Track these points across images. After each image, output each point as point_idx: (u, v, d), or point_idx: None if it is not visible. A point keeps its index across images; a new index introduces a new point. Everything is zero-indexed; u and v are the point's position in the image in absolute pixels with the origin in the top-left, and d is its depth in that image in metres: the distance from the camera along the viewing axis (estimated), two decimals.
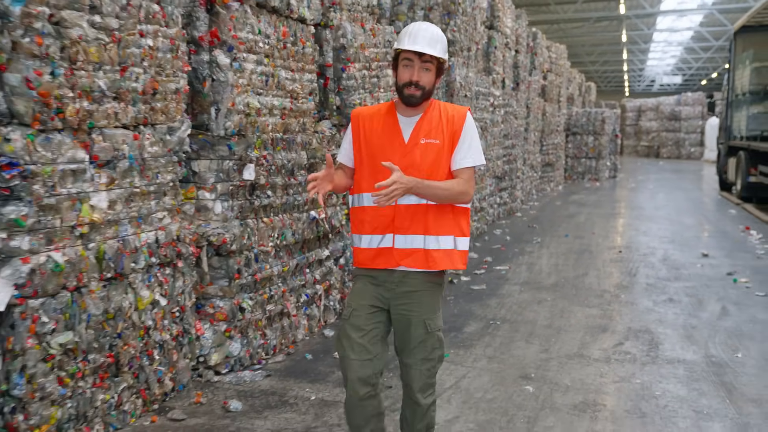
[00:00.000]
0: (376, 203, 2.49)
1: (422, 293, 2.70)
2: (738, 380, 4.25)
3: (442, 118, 2.72)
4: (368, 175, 2.71)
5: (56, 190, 3.04)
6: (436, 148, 2.67)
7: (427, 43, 2.60)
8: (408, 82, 2.63)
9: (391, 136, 2.71)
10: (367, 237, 2.73)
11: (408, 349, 2.73)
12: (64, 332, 3.10)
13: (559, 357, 4.69)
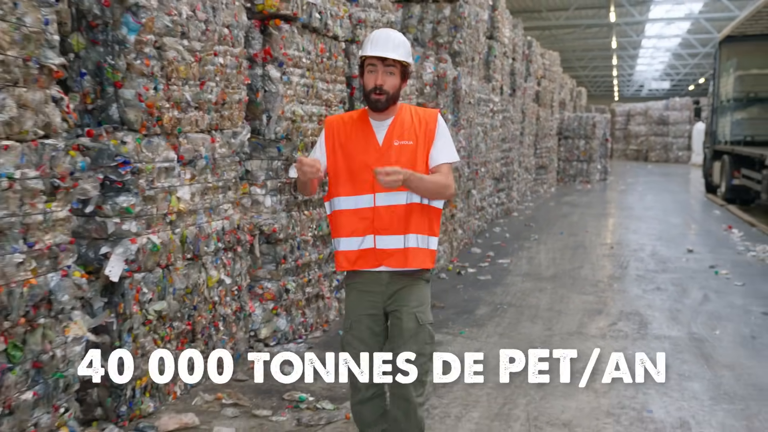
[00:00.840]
0: (382, 182, 2.56)
1: (410, 287, 2.78)
2: (715, 352, 4.95)
3: (414, 120, 2.79)
4: (345, 180, 2.78)
5: (154, 184, 3.69)
6: (410, 148, 2.75)
7: (389, 48, 2.67)
8: (373, 88, 2.69)
9: (365, 139, 2.77)
10: (346, 240, 2.78)
11: (400, 343, 2.75)
12: (158, 302, 3.75)
13: (561, 334, 5.37)
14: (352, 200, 2.78)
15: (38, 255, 2.85)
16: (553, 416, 3.80)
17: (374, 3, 6.38)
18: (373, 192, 2.75)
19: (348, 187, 2.78)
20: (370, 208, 2.75)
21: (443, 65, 7.94)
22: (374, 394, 2.81)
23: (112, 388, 3.52)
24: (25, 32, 2.74)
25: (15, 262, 2.74)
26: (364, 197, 2.76)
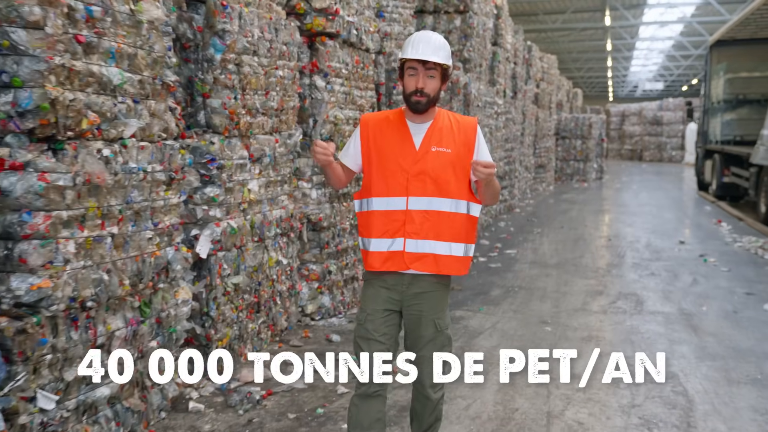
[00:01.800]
0: (479, 177, 2.61)
1: (431, 294, 2.79)
2: (701, 323, 5.69)
3: (453, 128, 2.78)
4: (378, 180, 2.77)
5: (232, 178, 4.41)
6: (447, 156, 2.73)
7: (430, 51, 2.66)
8: (414, 90, 2.69)
9: (401, 142, 2.75)
10: (377, 241, 2.78)
11: (419, 347, 2.81)
12: (235, 276, 4.48)
13: (567, 310, 6.11)
14: (384, 201, 2.76)
15: (160, 233, 3.58)
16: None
17: (397, 18, 7.13)
18: (407, 195, 2.73)
19: (381, 187, 2.76)
20: (402, 211, 2.73)
21: (456, 72, 8.68)
22: (377, 392, 2.80)
23: (201, 346, 4.24)
24: (155, 57, 3.47)
25: (146, 237, 3.46)
26: (396, 199, 2.74)
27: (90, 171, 3.06)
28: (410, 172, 2.72)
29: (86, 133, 3.06)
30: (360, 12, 5.98)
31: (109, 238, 3.21)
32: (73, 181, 2.98)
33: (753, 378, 4.39)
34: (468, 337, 5.28)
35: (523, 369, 2.77)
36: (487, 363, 4.64)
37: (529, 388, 4.19)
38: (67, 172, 2.96)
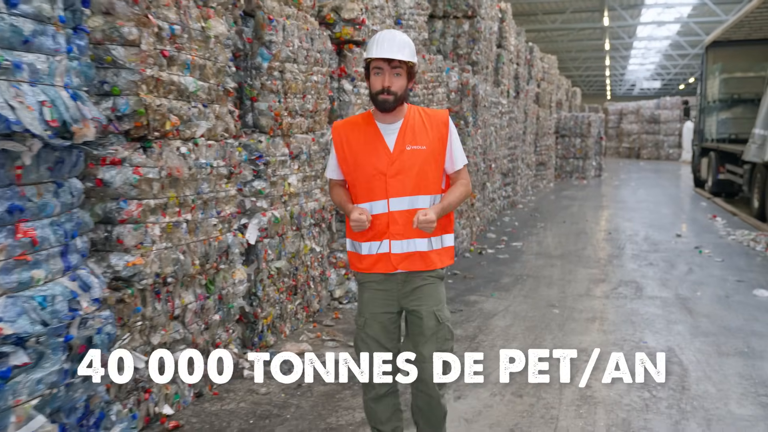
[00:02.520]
0: (422, 228, 2.69)
1: (427, 287, 2.82)
2: (696, 306, 6.22)
3: (425, 123, 2.78)
4: (359, 186, 2.79)
5: (276, 173, 4.93)
6: (422, 154, 2.74)
7: (395, 49, 2.65)
8: (381, 89, 2.69)
9: (375, 144, 2.75)
10: (366, 244, 2.81)
11: (422, 342, 2.81)
12: (277, 261, 4.99)
13: (573, 295, 6.63)
14: (368, 206, 2.77)
15: (222, 220, 4.10)
16: (573, 345, 5.06)
17: (413, 24, 7.64)
18: (387, 197, 2.75)
19: (363, 193, 2.77)
20: (384, 214, 2.75)
21: (466, 75, 9.21)
22: (387, 392, 2.86)
23: (248, 323, 4.75)
24: (219, 66, 3.98)
25: (212, 223, 3.98)
26: (378, 203, 2.76)
27: (171, 166, 3.58)
28: (388, 174, 2.72)
29: (168, 134, 3.58)
30: (382, 21, 6.50)
31: (184, 223, 3.73)
32: (159, 174, 3.50)
33: (741, 351, 4.92)
34: (483, 318, 5.80)
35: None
36: (504, 337, 5.19)
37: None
38: (155, 166, 3.48)
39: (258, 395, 4.05)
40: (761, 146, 11.24)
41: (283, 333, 5.15)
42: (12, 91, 2.44)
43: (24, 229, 2.56)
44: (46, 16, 2.59)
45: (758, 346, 5.01)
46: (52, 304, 2.61)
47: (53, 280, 2.70)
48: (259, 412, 3.80)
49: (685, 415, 3.79)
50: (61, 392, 2.68)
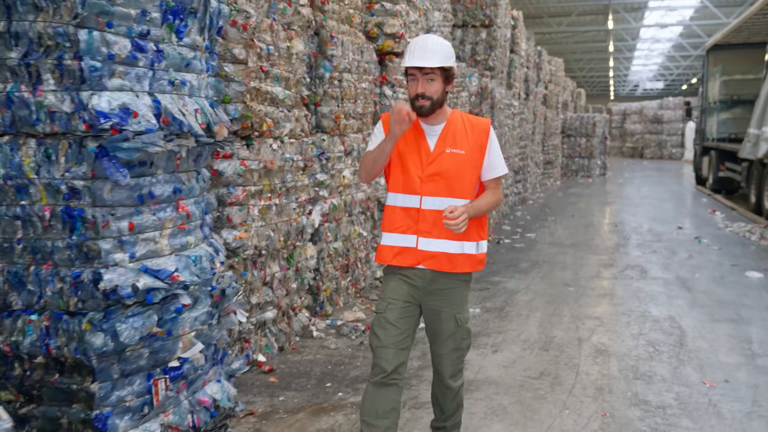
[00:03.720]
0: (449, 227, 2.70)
1: (452, 290, 2.87)
2: (694, 285, 7.05)
3: (467, 129, 2.84)
4: (396, 177, 2.87)
5: (334, 167, 5.77)
6: (460, 158, 2.79)
7: (426, 57, 2.73)
8: (416, 95, 2.77)
9: (416, 144, 2.81)
10: (390, 235, 2.87)
11: (440, 341, 2.91)
12: (335, 242, 5.84)
13: (585, 277, 7.46)
14: (400, 198, 2.85)
15: (299, 205, 4.94)
16: (588, 315, 5.89)
17: (439, 34, 8.47)
18: (420, 194, 2.81)
19: (399, 184, 2.85)
20: (415, 209, 2.81)
21: (485, 80, 10.04)
22: (392, 379, 2.83)
23: (313, 294, 5.60)
24: (297, 78, 4.83)
25: (292, 207, 4.83)
26: (411, 197, 2.83)
27: (266, 159, 4.43)
28: (424, 173, 2.78)
29: (264, 133, 4.43)
30: (416, 33, 7.34)
31: (274, 206, 4.58)
32: (258, 166, 4.35)
33: (731, 318, 5.75)
34: (508, 294, 6.63)
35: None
36: (528, 308, 6.03)
37: (562, 323, 5.56)
38: (255, 159, 4.32)
39: (329, 350, 4.89)
40: (755, 144, 12.05)
41: (338, 304, 5.99)
42: (180, 101, 3.29)
43: (182, 205, 3.40)
44: (198, 45, 3.44)
45: (746, 315, 5.84)
46: (200, 263, 3.45)
47: (198, 245, 3.54)
48: (334, 361, 4.64)
49: (682, 363, 4.63)
50: (206, 330, 3.53)
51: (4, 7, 2.82)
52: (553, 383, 4.24)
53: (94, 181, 2.93)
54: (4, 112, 2.93)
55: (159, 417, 3.23)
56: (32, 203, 2.99)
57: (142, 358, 3.13)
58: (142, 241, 3.11)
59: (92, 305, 2.97)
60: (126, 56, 2.95)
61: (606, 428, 3.59)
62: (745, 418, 3.73)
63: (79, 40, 2.80)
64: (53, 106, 2.85)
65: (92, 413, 2.98)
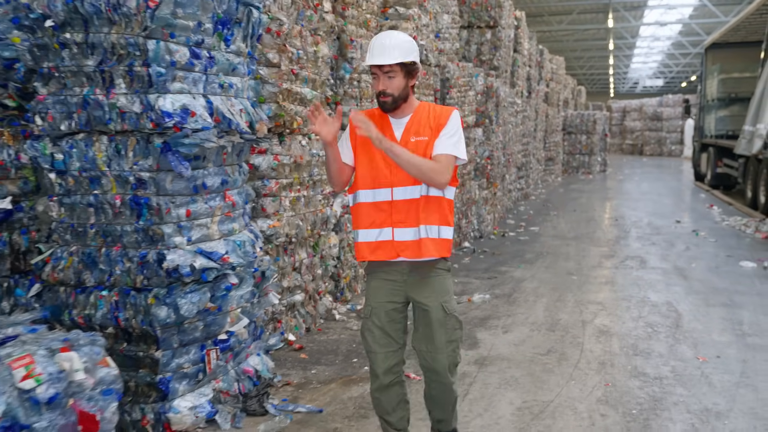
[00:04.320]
0: (361, 133, 2.66)
1: (433, 279, 2.85)
2: (691, 274, 7.45)
3: (430, 116, 2.84)
4: (365, 174, 2.86)
5: None
6: (424, 144, 2.79)
7: (383, 54, 2.73)
8: (378, 92, 2.79)
9: (384, 135, 2.75)
10: (365, 231, 2.87)
11: (431, 334, 2.85)
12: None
13: (587, 267, 7.87)
14: (371, 193, 2.85)
15: (323, 197, 5.34)
16: (590, 300, 6.29)
17: (448, 36, 8.87)
18: (391, 186, 2.81)
19: (368, 180, 2.85)
20: (387, 202, 2.81)
21: (490, 79, 10.44)
22: (392, 382, 2.90)
23: (334, 280, 6.00)
24: (323, 79, 5.23)
25: (318, 199, 5.23)
26: (382, 191, 2.82)
27: (296, 154, 4.83)
28: (393, 163, 2.77)
29: (295, 130, 4.82)
30: (427, 36, 7.73)
31: (302, 198, 4.98)
32: (289, 160, 4.74)
33: (724, 303, 6.15)
34: (515, 282, 7.04)
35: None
36: (534, 295, 6.43)
37: (566, 307, 5.96)
38: (287, 154, 4.72)
39: (352, 331, 5.29)
40: (750, 141, 12.44)
41: (356, 291, 6.39)
42: (228, 102, 3.69)
43: (228, 195, 3.80)
44: (242, 51, 3.84)
45: (738, 301, 6.24)
46: (244, 247, 3.85)
47: (241, 231, 3.94)
48: (357, 340, 5.04)
49: (678, 341, 5.03)
50: (249, 307, 3.94)
51: (83, 21, 3.22)
52: (559, 359, 4.64)
53: (158, 173, 3.33)
54: (80, 113, 3.33)
55: (211, 383, 3.63)
56: (104, 192, 3.39)
57: (197, 330, 3.54)
58: (196, 226, 3.52)
59: (156, 282, 3.37)
60: (185, 63, 3.35)
61: (608, 396, 3.99)
62: (733, 386, 4.13)
63: (148, 49, 3.20)
64: (124, 107, 3.24)
65: (156, 377, 3.39)
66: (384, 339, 2.88)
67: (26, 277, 3.60)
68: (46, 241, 3.63)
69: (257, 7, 3.88)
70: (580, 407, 3.83)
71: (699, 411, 3.78)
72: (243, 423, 3.62)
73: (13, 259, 3.55)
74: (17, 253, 3.57)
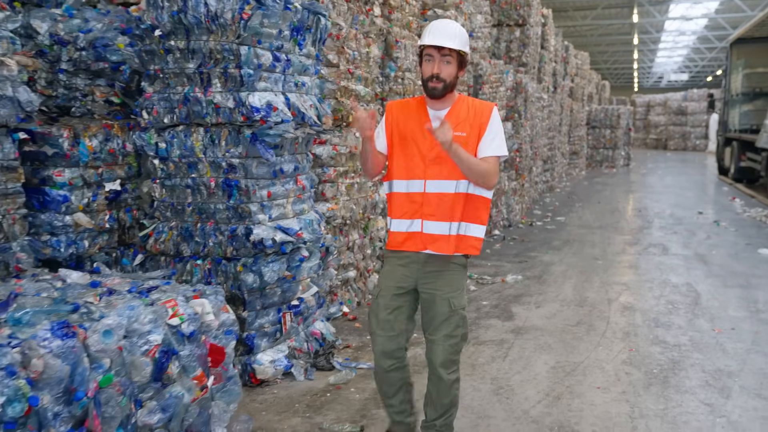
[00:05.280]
0: (435, 135, 2.59)
1: (446, 273, 2.83)
2: (711, 260, 7.90)
3: (470, 112, 2.80)
4: (399, 164, 2.85)
5: None
6: (462, 140, 2.73)
7: (445, 37, 2.69)
8: (430, 76, 2.72)
9: (421, 127, 2.77)
10: (397, 221, 2.86)
11: (433, 326, 2.85)
12: None
13: (612, 253, 8.35)
14: (405, 184, 2.84)
15: (374, 183, 5.90)
16: (615, 281, 6.79)
17: (480, 35, 9.37)
18: (425, 178, 2.79)
19: (402, 170, 2.84)
20: (420, 193, 2.80)
21: (520, 75, 10.92)
22: (391, 366, 2.90)
23: (380, 260, 6.54)
24: (373, 77, 5.78)
25: (369, 185, 5.79)
26: (415, 182, 2.81)
27: (351, 144, 5.39)
28: (428, 156, 2.77)
29: (350, 123, 5.38)
30: None
31: (356, 184, 5.54)
32: (345, 150, 5.30)
33: (741, 284, 6.62)
34: (544, 266, 7.55)
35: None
36: (563, 277, 6.94)
37: (593, 287, 6.47)
38: (344, 145, 5.28)
39: None
40: None
41: None
42: (302, 98, 4.25)
43: (299, 179, 4.37)
44: (311, 54, 4.40)
45: (755, 283, 6.70)
46: (312, 225, 4.42)
47: (309, 211, 4.51)
48: None
49: (696, 316, 5.52)
50: (316, 278, 4.51)
51: (185, 30, 3.80)
52: (588, 329, 5.16)
53: (246, 159, 3.91)
54: (181, 108, 3.91)
55: (286, 341, 4.21)
56: (200, 176, 3.98)
57: (276, 295, 4.12)
58: (275, 205, 4.09)
59: (244, 253, 3.96)
60: (269, 65, 3.93)
61: (632, 358, 4.50)
62: (744, 353, 4.62)
63: (240, 54, 3.77)
64: (219, 103, 3.82)
65: (243, 334, 3.97)
66: (387, 323, 2.87)
67: (130, 249, 4.20)
68: (146, 217, 4.23)
69: (324, 15, 4.43)
70: (607, 367, 4.35)
71: (713, 371, 4.28)
72: (314, 376, 4.19)
73: (120, 233, 4.15)
74: (123, 228, 4.17)
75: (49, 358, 2.14)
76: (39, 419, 2.10)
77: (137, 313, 2.50)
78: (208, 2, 3.70)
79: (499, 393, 3.93)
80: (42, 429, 2.10)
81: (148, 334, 2.51)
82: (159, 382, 2.56)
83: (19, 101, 3.24)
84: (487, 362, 4.44)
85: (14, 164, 3.33)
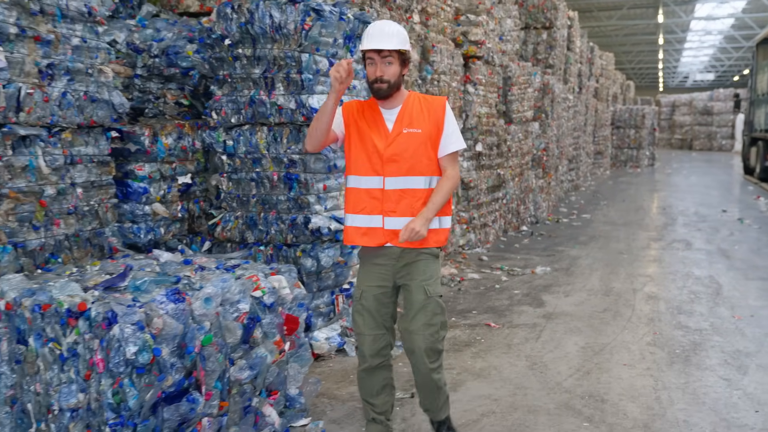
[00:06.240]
0: (410, 239, 2.74)
1: (418, 263, 2.90)
2: (733, 255, 8.19)
3: (423, 108, 2.88)
4: (356, 160, 2.90)
5: None
6: (417, 137, 2.83)
7: (383, 39, 2.76)
8: (375, 79, 2.80)
9: (376, 126, 2.85)
10: (355, 216, 2.91)
11: (411, 315, 2.89)
12: None
13: (637, 248, 8.67)
14: (363, 180, 2.89)
15: None
16: (640, 273, 7.12)
17: (510, 39, 9.74)
18: (383, 175, 2.85)
19: (359, 166, 2.89)
20: (379, 190, 2.85)
21: (547, 77, 11.26)
22: (379, 365, 2.97)
23: None
24: (413, 80, 6.18)
25: None
26: (373, 178, 2.86)
27: None
28: (385, 154, 2.83)
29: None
30: (493, 39, 8.63)
31: None
32: None
33: (762, 277, 6.92)
34: (571, 259, 7.90)
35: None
36: (589, 269, 7.29)
37: (619, 279, 6.82)
38: None
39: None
40: None
41: None
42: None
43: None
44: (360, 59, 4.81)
45: None
46: None
47: None
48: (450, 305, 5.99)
49: (717, 304, 5.85)
50: None
51: (252, 40, 4.24)
52: (614, 315, 5.52)
53: (305, 156, 4.34)
54: (247, 109, 4.36)
55: (339, 321, 4.64)
56: (264, 170, 4.42)
57: (330, 278, 4.54)
58: (330, 197, 4.52)
59: (302, 240, 4.39)
60: (325, 70, 4.35)
61: (656, 341, 4.86)
62: (762, 337, 4.96)
63: (301, 60, 4.20)
64: (282, 104, 4.26)
65: None
66: (373, 322, 2.94)
67: (197, 236, 4.66)
68: (212, 208, 4.68)
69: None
70: (633, 347, 4.72)
71: (732, 352, 4.63)
72: None
73: (189, 222, 4.61)
74: (192, 217, 4.62)
75: (167, 317, 2.58)
76: (159, 368, 2.54)
77: (229, 285, 2.94)
78: (273, 14, 4.14)
79: (533, 368, 4.32)
80: (162, 375, 2.54)
81: (237, 303, 2.94)
82: (247, 344, 2.99)
83: (113, 104, 3.70)
84: (522, 342, 4.83)
85: (107, 159, 3.80)
